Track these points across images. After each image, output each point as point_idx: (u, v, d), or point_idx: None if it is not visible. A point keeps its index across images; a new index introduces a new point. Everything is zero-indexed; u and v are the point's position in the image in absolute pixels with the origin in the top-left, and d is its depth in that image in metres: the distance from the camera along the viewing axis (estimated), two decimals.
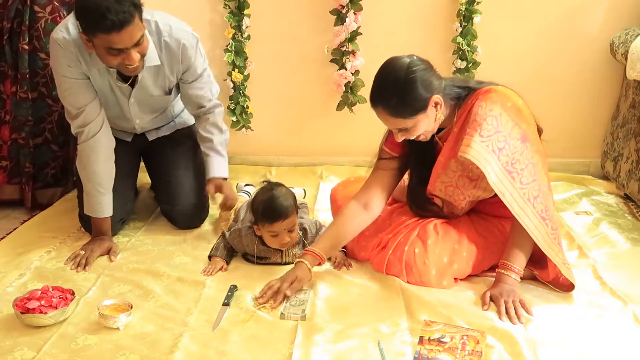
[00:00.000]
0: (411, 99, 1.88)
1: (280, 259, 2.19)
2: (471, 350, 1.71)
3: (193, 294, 2.02)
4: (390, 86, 1.88)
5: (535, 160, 1.94)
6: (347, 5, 3.00)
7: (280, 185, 2.19)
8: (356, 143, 3.31)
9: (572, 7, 3.03)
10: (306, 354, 1.71)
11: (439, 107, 1.93)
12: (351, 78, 3.10)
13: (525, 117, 1.95)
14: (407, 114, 1.90)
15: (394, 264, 2.08)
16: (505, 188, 1.91)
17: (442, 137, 2.07)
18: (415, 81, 1.86)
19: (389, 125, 1.99)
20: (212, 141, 2.47)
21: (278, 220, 2.08)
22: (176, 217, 2.52)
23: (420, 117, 1.91)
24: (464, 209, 2.14)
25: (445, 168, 2.05)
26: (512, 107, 1.93)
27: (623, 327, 1.86)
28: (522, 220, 1.91)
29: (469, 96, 1.98)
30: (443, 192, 2.10)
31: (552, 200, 2.01)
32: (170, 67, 2.30)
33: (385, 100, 1.89)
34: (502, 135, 1.90)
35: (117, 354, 1.72)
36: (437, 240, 2.06)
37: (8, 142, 2.74)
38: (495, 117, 1.90)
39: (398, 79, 1.87)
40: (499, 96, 1.93)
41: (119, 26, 1.95)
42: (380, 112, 1.93)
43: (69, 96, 2.24)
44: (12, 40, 2.65)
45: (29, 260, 2.23)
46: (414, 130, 1.94)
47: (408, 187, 2.21)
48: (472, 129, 1.90)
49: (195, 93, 2.41)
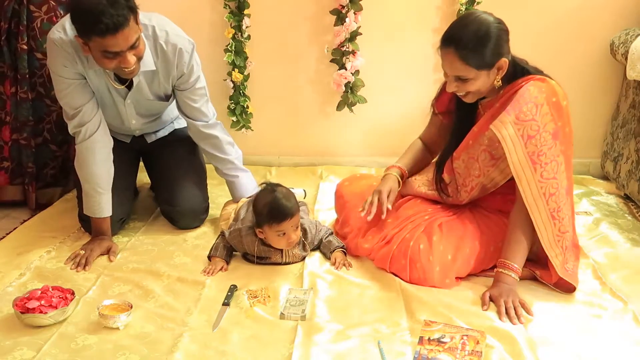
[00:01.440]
0: (486, 50, 1.92)
1: (280, 258, 2.19)
2: (471, 350, 1.71)
3: (193, 294, 2.02)
4: (472, 32, 1.91)
5: (561, 160, 1.96)
6: (347, 5, 3.00)
7: (279, 185, 2.19)
8: (356, 143, 3.32)
9: (572, 7, 3.03)
10: (306, 354, 1.71)
11: (500, 72, 1.97)
12: (351, 78, 3.10)
13: (564, 117, 1.96)
14: (476, 63, 1.93)
15: (398, 259, 2.08)
16: (523, 173, 1.93)
17: (485, 105, 2.09)
18: (495, 37, 1.92)
19: (452, 70, 1.98)
20: (231, 161, 2.51)
21: (285, 220, 2.08)
22: (176, 217, 2.51)
23: (483, 73, 1.95)
24: (470, 193, 2.14)
25: (475, 140, 2.08)
26: (555, 103, 1.95)
27: (623, 327, 1.86)
28: (532, 212, 1.93)
29: (523, 77, 2.00)
30: (463, 165, 2.12)
31: (571, 205, 2.03)
32: (165, 74, 2.29)
33: (463, 42, 1.91)
34: (536, 124, 1.92)
35: (117, 354, 1.72)
36: (442, 238, 2.07)
37: (9, 142, 2.73)
38: (537, 105, 1.92)
39: (481, 28, 1.91)
40: (548, 88, 1.96)
41: (113, 29, 1.94)
42: (450, 53, 1.94)
43: (66, 96, 2.24)
44: (10, 40, 2.64)
45: (29, 260, 2.23)
46: (472, 84, 1.97)
47: (442, 151, 2.25)
48: (512, 109, 1.93)
49: (189, 104, 2.39)
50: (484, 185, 2.12)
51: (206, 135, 2.46)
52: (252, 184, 2.56)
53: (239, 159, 2.55)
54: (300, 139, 3.34)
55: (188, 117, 2.44)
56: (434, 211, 2.21)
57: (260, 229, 2.14)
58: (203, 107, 2.42)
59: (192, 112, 2.42)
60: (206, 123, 2.44)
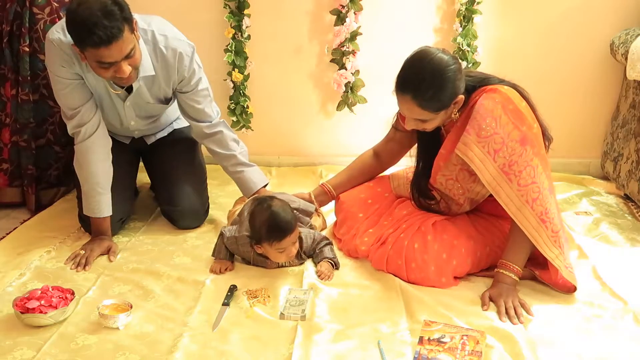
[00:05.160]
0: (443, 95, 1.90)
1: (276, 265, 2.18)
2: (471, 350, 1.71)
3: (193, 294, 2.02)
4: (428, 80, 1.88)
5: (535, 163, 1.94)
6: (347, 5, 3.00)
7: (273, 198, 2.14)
8: (356, 143, 3.30)
9: (572, 7, 3.03)
10: (306, 354, 1.71)
11: (457, 106, 1.96)
12: (351, 78, 3.10)
13: (527, 120, 1.94)
14: (434, 108, 1.92)
15: (394, 260, 2.08)
16: (500, 188, 1.92)
17: (447, 127, 2.08)
18: (451, 80, 1.89)
19: (410, 114, 1.97)
20: (236, 157, 2.47)
21: (285, 237, 2.05)
22: (176, 217, 2.51)
23: (441, 113, 1.95)
24: (462, 206, 2.14)
25: (446, 161, 2.07)
26: (513, 110, 1.93)
27: (623, 327, 1.86)
28: (520, 222, 1.92)
29: (475, 91, 1.99)
30: (444, 186, 2.11)
31: (555, 203, 2.01)
32: (165, 78, 2.29)
33: (421, 91, 1.89)
34: (499, 137, 1.90)
35: (117, 354, 1.72)
36: (436, 237, 2.07)
37: (8, 144, 2.73)
38: (495, 118, 1.91)
39: (437, 74, 1.88)
40: (502, 97, 1.94)
41: (107, 41, 1.94)
42: (407, 100, 1.92)
43: (64, 97, 2.24)
44: (12, 42, 2.64)
45: (29, 260, 2.23)
46: (431, 123, 1.98)
47: (413, 176, 2.23)
48: (471, 127, 1.92)
49: (193, 105, 2.38)
50: (472, 198, 2.12)
51: (210, 133, 2.45)
52: (260, 177, 2.52)
53: (244, 154, 2.52)
54: (300, 139, 3.34)
55: (192, 119, 2.44)
56: (428, 211, 2.21)
57: (259, 245, 2.09)
58: (207, 108, 2.41)
59: (196, 114, 2.41)
60: (210, 123, 2.44)
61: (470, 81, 2.00)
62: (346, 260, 2.24)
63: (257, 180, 2.49)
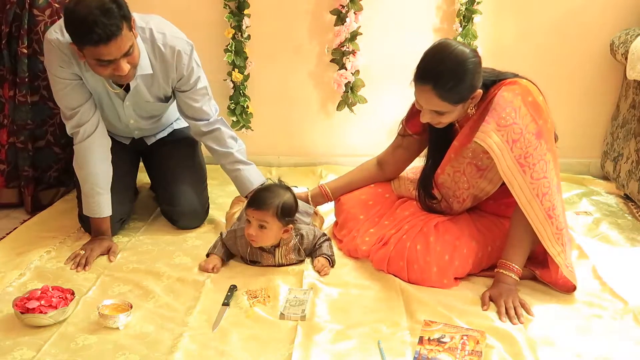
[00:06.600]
0: (463, 88, 1.90)
1: (273, 262, 2.18)
2: (471, 350, 1.71)
3: (193, 294, 2.02)
4: (450, 70, 1.88)
5: (548, 158, 1.94)
6: (347, 5, 3.00)
7: (288, 188, 2.19)
8: (356, 143, 3.31)
9: (572, 7, 3.03)
10: (306, 354, 1.71)
11: (474, 100, 1.96)
12: (351, 78, 3.10)
13: (544, 114, 1.95)
14: (453, 100, 1.92)
15: (395, 261, 2.08)
16: (514, 178, 1.91)
17: (460, 122, 2.08)
18: (471, 72, 1.89)
19: (428, 105, 1.96)
20: (233, 154, 2.46)
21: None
22: (176, 217, 2.51)
23: (459, 107, 1.95)
24: (464, 203, 2.14)
25: (458, 153, 2.07)
26: (532, 102, 1.93)
27: (623, 327, 1.86)
28: (528, 214, 1.92)
29: (493, 86, 1.99)
30: (451, 177, 2.11)
31: (561, 201, 2.02)
32: (164, 76, 2.29)
33: (442, 82, 1.89)
34: (518, 127, 1.90)
35: (117, 354, 1.72)
36: (439, 238, 2.07)
37: (5, 145, 2.73)
38: (515, 109, 1.91)
39: (458, 66, 1.88)
40: (522, 89, 1.94)
41: (105, 39, 1.94)
42: (426, 90, 1.91)
43: (63, 97, 2.23)
44: (11, 44, 2.64)
45: (29, 260, 2.23)
46: (447, 117, 1.97)
47: (422, 171, 2.23)
48: (491, 117, 1.92)
49: (191, 104, 2.38)
50: (476, 195, 2.12)
51: (208, 131, 2.45)
52: (257, 176, 2.51)
53: (242, 152, 2.50)
54: (300, 139, 3.34)
55: (190, 118, 2.43)
56: (430, 211, 2.21)
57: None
58: (205, 106, 2.41)
59: (194, 113, 2.41)
60: (207, 121, 2.43)
61: (487, 76, 2.00)
62: (346, 260, 2.24)
63: (254, 180, 2.48)
